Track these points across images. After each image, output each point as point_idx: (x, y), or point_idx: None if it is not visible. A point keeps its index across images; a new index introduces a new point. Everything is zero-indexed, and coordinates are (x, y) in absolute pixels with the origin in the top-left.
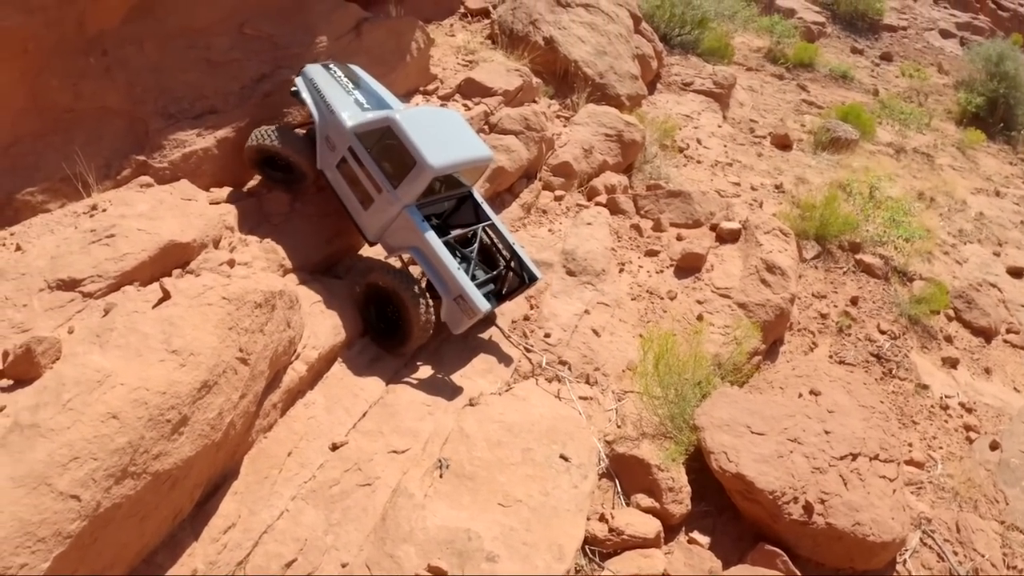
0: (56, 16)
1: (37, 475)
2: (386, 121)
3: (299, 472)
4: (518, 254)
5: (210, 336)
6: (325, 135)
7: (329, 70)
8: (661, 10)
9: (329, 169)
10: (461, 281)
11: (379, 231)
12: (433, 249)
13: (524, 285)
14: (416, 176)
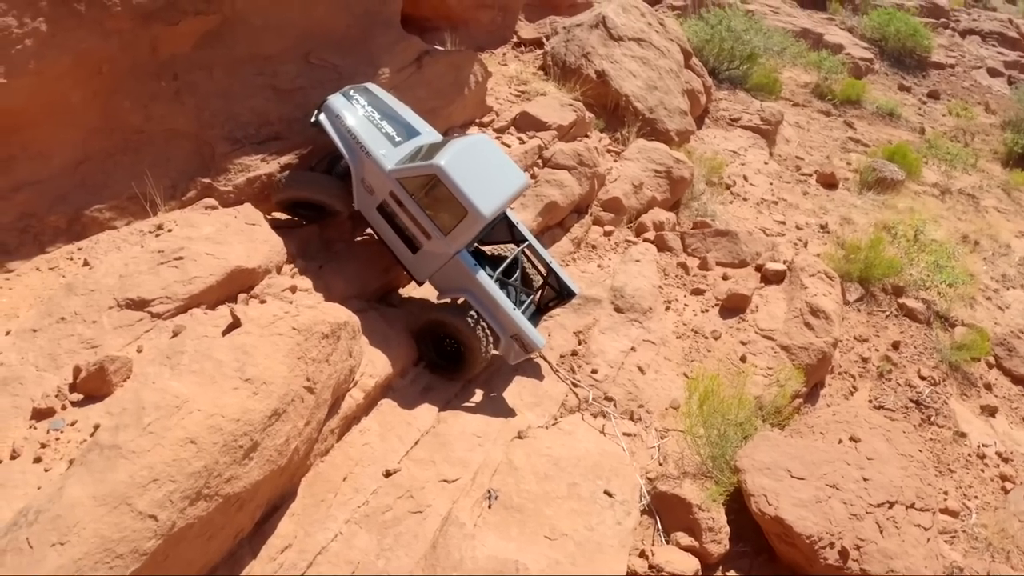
0: (131, 40)
1: (119, 495)
2: (432, 169)
3: (353, 497)
4: (555, 270)
5: (281, 365)
6: (361, 178)
7: (352, 100)
8: (711, 44)
9: (368, 211)
10: (518, 321)
11: (429, 274)
12: (488, 292)
13: (562, 300)
14: (469, 225)
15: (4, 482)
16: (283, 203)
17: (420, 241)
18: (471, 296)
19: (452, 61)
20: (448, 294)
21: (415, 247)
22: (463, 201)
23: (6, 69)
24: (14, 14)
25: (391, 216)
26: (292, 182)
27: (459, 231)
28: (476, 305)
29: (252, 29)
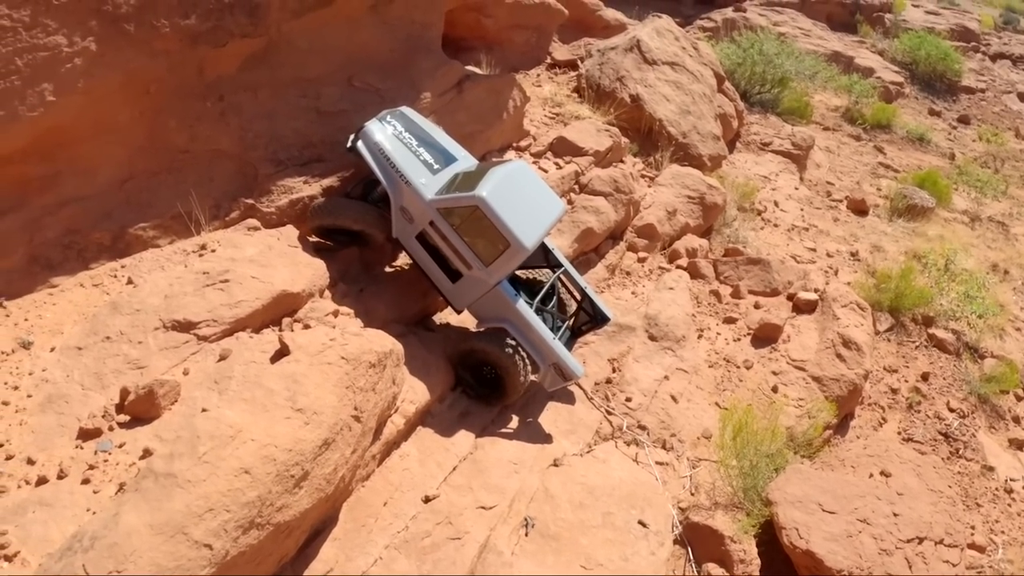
0: (179, 61)
1: (175, 524)
2: (474, 200)
3: (393, 522)
4: (589, 295)
5: (330, 395)
6: (400, 206)
7: (389, 126)
8: (742, 68)
9: (407, 239)
10: (558, 350)
11: (468, 303)
12: (528, 322)
13: (597, 325)
14: (510, 257)
15: (53, 502)
16: (319, 230)
17: (460, 270)
18: (510, 326)
19: (492, 86)
20: (487, 323)
21: (455, 276)
22: (505, 233)
23: (55, 87)
24: (64, 33)
25: (431, 245)
26: (328, 209)
27: (500, 262)
28: (515, 335)
29: (297, 52)
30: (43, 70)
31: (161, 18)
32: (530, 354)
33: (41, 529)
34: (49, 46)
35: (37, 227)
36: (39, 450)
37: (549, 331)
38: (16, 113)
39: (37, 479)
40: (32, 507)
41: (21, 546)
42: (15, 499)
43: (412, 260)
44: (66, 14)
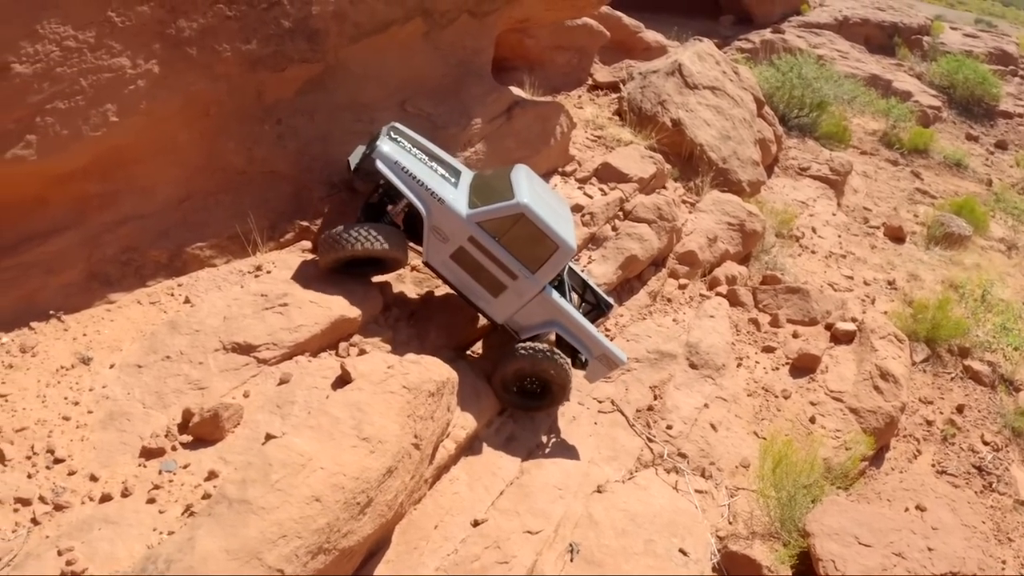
0: (239, 84)
1: (250, 550)
2: (517, 209)
3: (443, 545)
4: (590, 285)
5: (393, 424)
6: (433, 226)
7: (401, 144)
8: (781, 91)
9: (440, 260)
10: (603, 341)
11: (511, 313)
12: (575, 319)
13: (602, 313)
14: (558, 260)
15: (118, 520)
16: (336, 263)
17: (504, 283)
18: (559, 327)
19: (540, 112)
20: (532, 330)
21: (497, 289)
22: (553, 237)
23: (118, 107)
24: (128, 55)
25: (468, 262)
26: (346, 239)
27: (548, 267)
28: (562, 333)
29: (352, 77)
30: (107, 91)
31: (223, 42)
32: (579, 350)
33: (108, 547)
34: (113, 67)
35: (96, 244)
36: (101, 467)
37: (592, 327)
38: (80, 132)
39: (101, 496)
40: (97, 524)
41: (88, 563)
42: (79, 515)
43: (445, 282)
44: (130, 36)
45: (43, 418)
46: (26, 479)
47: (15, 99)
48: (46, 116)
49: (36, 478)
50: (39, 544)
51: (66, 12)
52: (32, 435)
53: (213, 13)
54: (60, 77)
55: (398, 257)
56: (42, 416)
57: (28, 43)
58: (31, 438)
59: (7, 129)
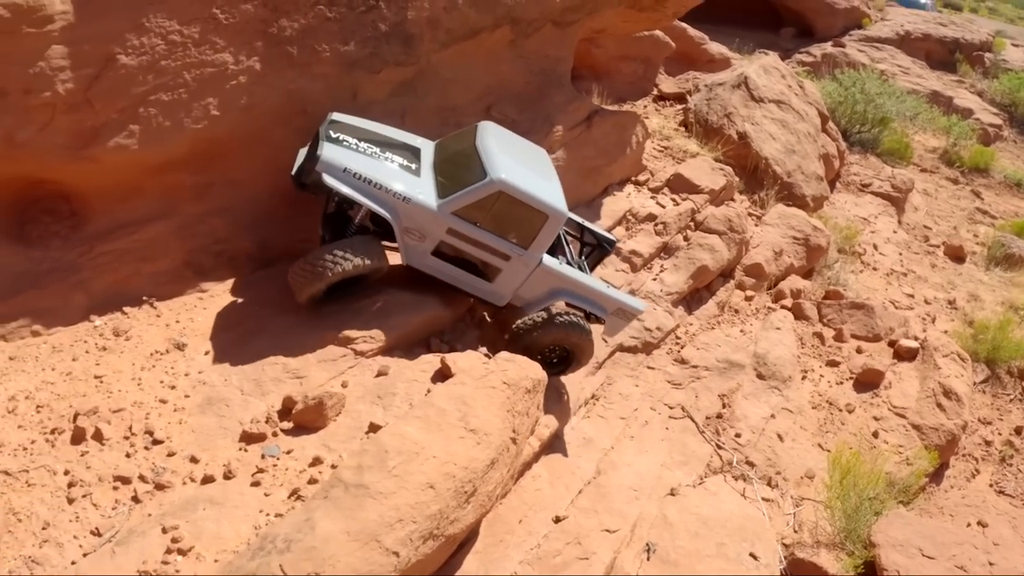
0: (335, 84)
1: (369, 532)
2: (494, 187)
3: (526, 539)
4: (586, 227)
5: (495, 417)
6: (404, 228)
7: (345, 144)
8: (843, 106)
9: (422, 260)
10: (615, 295)
11: (511, 294)
12: (581, 282)
13: (605, 251)
14: (550, 229)
15: (223, 501)
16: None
17: (497, 266)
18: (566, 294)
19: (618, 121)
20: (538, 304)
21: (491, 274)
22: (540, 207)
23: (220, 102)
24: (231, 51)
25: (453, 255)
26: (323, 265)
27: (541, 239)
28: (570, 298)
29: (441, 81)
30: (209, 85)
31: (323, 43)
32: (591, 312)
33: (213, 526)
34: (216, 63)
35: (188, 234)
36: (201, 449)
37: (600, 282)
38: (181, 124)
39: (203, 478)
40: (201, 504)
41: (194, 541)
42: (181, 495)
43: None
44: (234, 33)
45: (140, 400)
46: (125, 458)
47: (120, 89)
48: (149, 107)
49: (135, 458)
50: (142, 521)
51: (172, 7)
52: (129, 416)
53: (314, 14)
54: (164, 70)
55: (381, 267)
56: (138, 398)
57: (134, 36)
58: (128, 419)
59: (111, 118)
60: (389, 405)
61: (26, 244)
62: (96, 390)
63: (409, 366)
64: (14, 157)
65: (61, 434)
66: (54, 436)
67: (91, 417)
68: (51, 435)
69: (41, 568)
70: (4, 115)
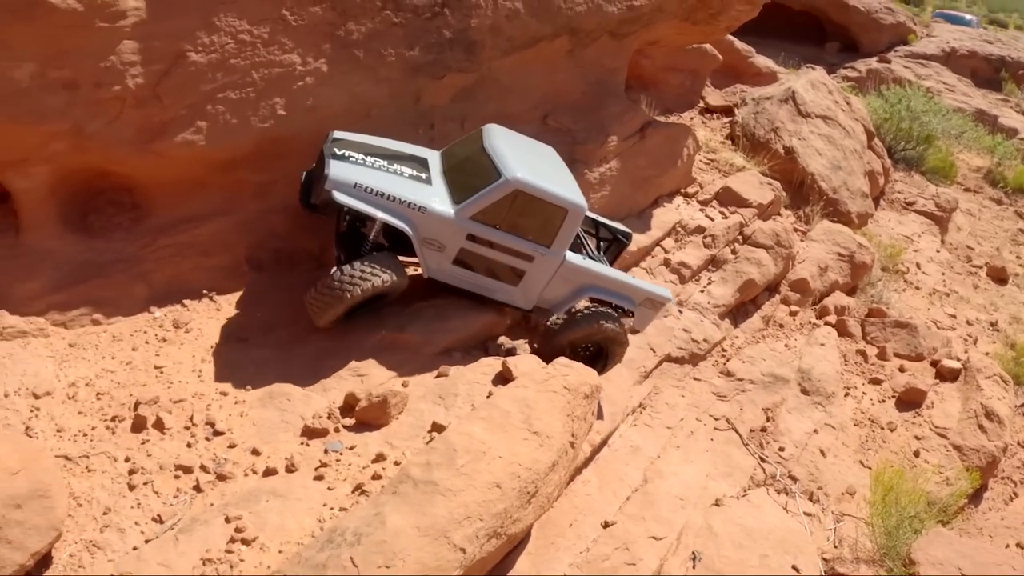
0: (399, 88)
1: (439, 528)
2: (509, 187)
3: (576, 543)
4: (603, 222)
5: (557, 421)
6: (422, 239)
7: (352, 160)
8: (889, 123)
9: (443, 270)
10: (643, 286)
11: (537, 295)
12: (606, 276)
13: (622, 245)
14: (571, 224)
15: (286, 494)
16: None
17: (521, 268)
18: (593, 290)
19: (670, 133)
20: (564, 304)
21: (517, 277)
22: (559, 202)
23: (286, 102)
24: (299, 52)
25: (475, 262)
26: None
27: (562, 235)
28: (601, 295)
29: (500, 88)
30: (277, 85)
31: (388, 47)
32: (620, 304)
33: (277, 518)
34: (284, 63)
35: (248, 230)
36: (263, 442)
37: (627, 274)
38: (248, 122)
39: (265, 470)
40: (264, 496)
41: (258, 532)
42: (243, 486)
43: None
44: (303, 35)
45: (200, 392)
46: (185, 448)
47: (189, 86)
48: (217, 105)
49: (196, 448)
50: (204, 510)
51: (243, 7)
52: (190, 407)
53: (381, 19)
54: (233, 68)
55: (401, 283)
56: (199, 390)
57: (205, 34)
58: (189, 410)
59: (179, 114)
60: (451, 405)
61: (89, 234)
62: (156, 380)
63: (470, 368)
64: (82, 148)
65: (121, 422)
66: (114, 423)
67: (152, 406)
68: (111, 422)
69: (102, 552)
70: (74, 107)
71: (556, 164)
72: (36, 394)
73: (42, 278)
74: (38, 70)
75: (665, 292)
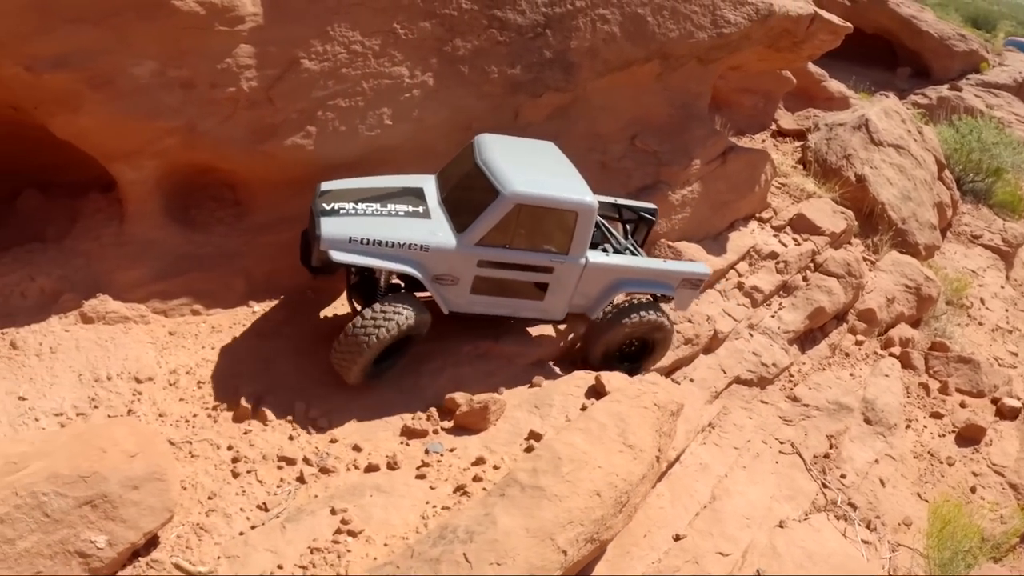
0: (500, 104)
1: (546, 531)
2: (509, 203)
3: (649, 553)
4: (621, 204)
5: (647, 435)
6: (433, 276)
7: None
8: (959, 153)
9: (461, 302)
10: (676, 267)
11: (568, 304)
12: (635, 267)
13: (650, 224)
14: (585, 225)
15: (389, 490)
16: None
17: (544, 281)
18: (626, 283)
19: (750, 159)
20: (599, 305)
21: (540, 292)
22: (566, 205)
23: (393, 112)
24: (407, 65)
25: (493, 287)
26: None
27: (578, 238)
28: (635, 287)
29: (592, 109)
30: (385, 95)
31: (492, 64)
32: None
33: (381, 513)
34: (393, 75)
35: None
36: (363, 439)
37: (655, 259)
38: (356, 130)
39: (367, 466)
40: (368, 491)
41: (363, 525)
42: (346, 480)
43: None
44: (412, 48)
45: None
46: (287, 440)
47: (301, 92)
48: (327, 111)
49: (298, 441)
50: (309, 501)
51: (356, 19)
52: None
53: (486, 36)
54: (345, 77)
55: (423, 320)
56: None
57: (319, 42)
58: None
59: (290, 118)
60: (546, 415)
61: (191, 227)
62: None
63: (564, 380)
64: (193, 145)
65: (223, 411)
66: (216, 412)
67: (252, 398)
68: (212, 411)
69: (209, 536)
70: (189, 105)
71: (557, 162)
72: (138, 379)
73: (144, 267)
74: (158, 68)
75: (701, 267)
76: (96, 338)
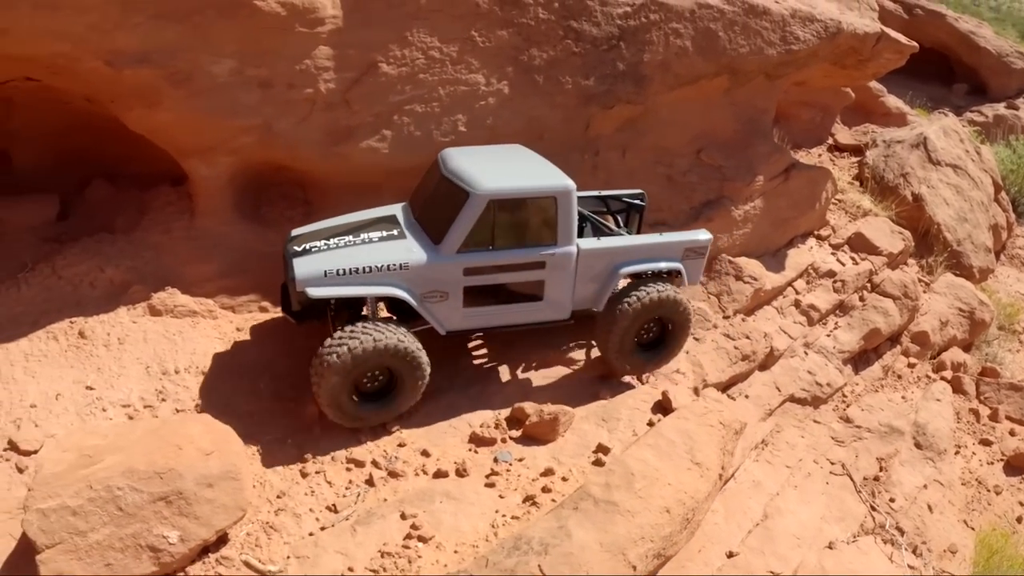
0: (572, 115)
1: (618, 546)
2: (483, 200)
3: (703, 569)
4: (605, 195)
5: (713, 453)
6: (420, 295)
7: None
8: (1015, 174)
9: (456, 318)
10: (674, 238)
11: (571, 300)
12: (633, 245)
13: (641, 210)
14: (566, 209)
15: (459, 497)
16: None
17: (538, 278)
18: (626, 263)
19: (811, 176)
20: (602, 297)
21: (537, 290)
22: (540, 192)
23: (468, 119)
24: (484, 73)
25: (485, 295)
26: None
27: (563, 225)
28: (638, 266)
29: (659, 122)
30: (460, 102)
31: (566, 75)
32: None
33: (451, 519)
34: (469, 82)
35: None
36: (432, 445)
37: (652, 235)
38: (430, 135)
39: (435, 472)
40: (438, 497)
41: (433, 531)
42: (415, 485)
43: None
44: (488, 56)
45: None
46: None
47: (378, 96)
48: (403, 116)
49: (366, 444)
50: (378, 505)
51: (434, 25)
52: None
53: (562, 47)
54: (422, 83)
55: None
56: None
57: (397, 47)
58: None
59: (366, 121)
60: (614, 429)
61: (261, 224)
62: None
63: (630, 395)
64: (269, 144)
65: (290, 409)
66: (283, 410)
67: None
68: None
69: (278, 535)
70: (266, 105)
71: (527, 159)
72: (205, 373)
73: (214, 262)
74: (236, 67)
75: (701, 234)
76: (164, 331)
